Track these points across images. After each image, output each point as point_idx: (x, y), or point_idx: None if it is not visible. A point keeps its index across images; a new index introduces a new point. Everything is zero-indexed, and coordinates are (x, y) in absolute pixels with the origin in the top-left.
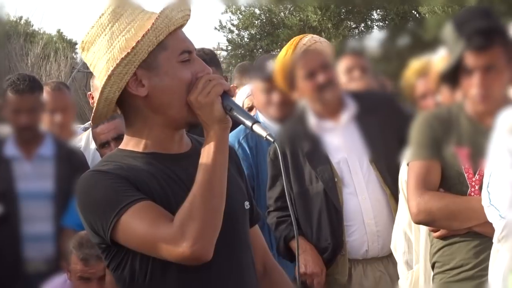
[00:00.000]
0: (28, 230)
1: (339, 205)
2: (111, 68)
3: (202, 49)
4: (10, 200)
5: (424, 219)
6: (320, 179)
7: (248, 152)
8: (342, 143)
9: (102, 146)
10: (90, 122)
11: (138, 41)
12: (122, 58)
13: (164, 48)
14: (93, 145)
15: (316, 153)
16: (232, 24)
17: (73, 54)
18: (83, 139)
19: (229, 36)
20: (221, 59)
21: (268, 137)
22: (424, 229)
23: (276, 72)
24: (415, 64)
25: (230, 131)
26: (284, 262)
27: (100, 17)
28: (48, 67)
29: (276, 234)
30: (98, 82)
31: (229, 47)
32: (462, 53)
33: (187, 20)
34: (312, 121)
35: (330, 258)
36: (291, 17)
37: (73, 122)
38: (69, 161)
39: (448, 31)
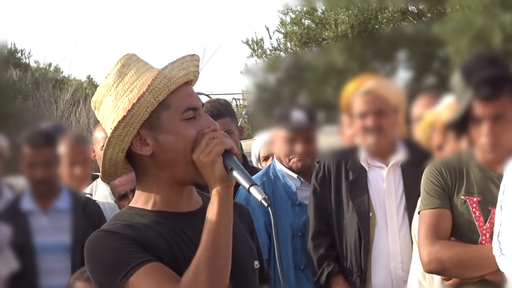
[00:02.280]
0: (45, 283)
1: (368, 240)
2: (111, 130)
3: (218, 100)
4: (28, 254)
5: (435, 268)
6: (355, 211)
7: None
8: (385, 184)
9: (120, 198)
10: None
11: (134, 104)
12: (119, 121)
13: (167, 107)
14: (96, 197)
15: (358, 185)
16: (258, 68)
17: None
18: (87, 190)
19: (255, 80)
20: (248, 103)
21: (263, 201)
22: (438, 278)
23: (341, 100)
24: (428, 116)
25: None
26: None
27: (106, 77)
28: (77, 114)
29: (317, 265)
30: (99, 135)
31: (255, 91)
32: (470, 102)
33: (195, 77)
34: (363, 155)
35: None
36: (317, 60)
37: (90, 175)
38: (85, 214)
39: (456, 79)
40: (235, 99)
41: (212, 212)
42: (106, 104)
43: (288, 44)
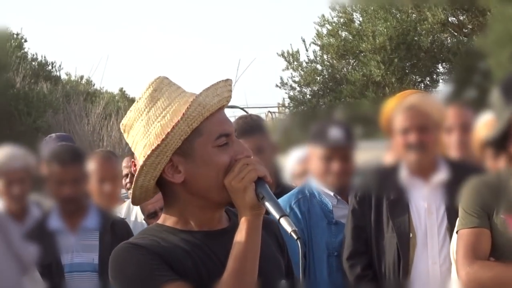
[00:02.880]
0: None
1: (407, 261)
2: (144, 158)
3: (250, 115)
4: (56, 273)
5: None
6: (395, 231)
7: (300, 217)
8: (426, 203)
9: (149, 216)
10: None
11: (168, 132)
12: (153, 150)
13: (199, 134)
14: (133, 216)
15: (398, 204)
16: (294, 81)
17: None
18: (124, 209)
19: (291, 93)
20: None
21: (293, 234)
22: None
23: (381, 117)
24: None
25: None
26: None
27: (137, 102)
28: (109, 127)
29: (353, 285)
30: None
31: (291, 105)
32: (510, 119)
33: (227, 102)
34: (404, 173)
35: None
36: (354, 72)
37: (120, 192)
38: (114, 232)
39: (495, 96)
40: (270, 113)
41: (240, 238)
42: (137, 129)
43: (325, 56)
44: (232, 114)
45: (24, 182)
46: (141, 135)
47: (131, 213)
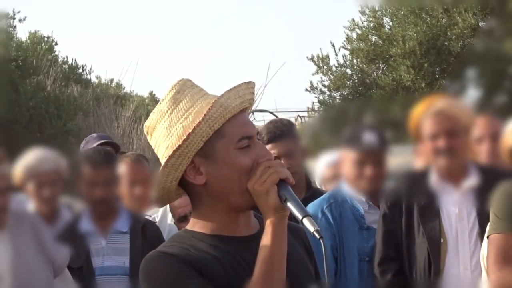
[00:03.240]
0: None
1: (438, 267)
2: (166, 159)
3: (280, 120)
4: (87, 276)
5: None
6: (426, 236)
7: (332, 221)
8: (457, 209)
9: (180, 220)
10: None
11: (189, 133)
12: (174, 150)
13: (221, 135)
14: (169, 219)
15: (429, 210)
16: (324, 85)
17: None
18: (160, 212)
19: (320, 98)
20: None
21: (315, 233)
22: None
23: (410, 122)
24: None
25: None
26: None
27: (160, 103)
28: (139, 131)
29: None
30: None
31: (321, 109)
32: None
33: (250, 104)
34: (434, 178)
35: None
36: (384, 77)
37: (151, 194)
38: (144, 236)
39: None
40: (300, 117)
41: (265, 242)
42: (160, 130)
43: (355, 60)
44: (261, 118)
45: (55, 184)
46: (164, 136)
47: (167, 215)
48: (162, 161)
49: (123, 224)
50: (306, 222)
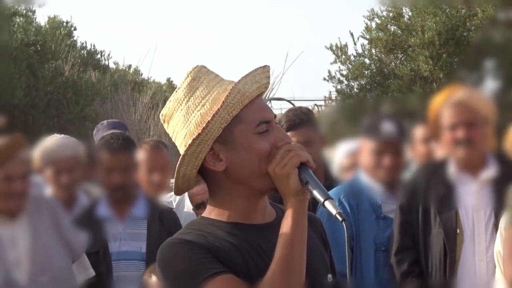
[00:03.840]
0: None
1: (454, 257)
2: (185, 148)
3: (300, 108)
4: (103, 261)
5: None
6: (442, 227)
7: (349, 211)
8: (475, 199)
9: (198, 207)
10: None
11: (208, 121)
12: (194, 139)
13: (240, 121)
14: (186, 207)
15: (446, 200)
16: (342, 75)
17: None
18: (177, 198)
19: (338, 87)
20: (331, 110)
21: (338, 216)
22: None
23: (429, 112)
24: None
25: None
26: None
27: (176, 91)
28: (156, 117)
29: (399, 281)
30: None
31: (338, 98)
32: None
33: (266, 88)
34: (452, 169)
35: None
36: (402, 67)
37: (169, 181)
38: (162, 222)
39: None
40: (317, 106)
41: (286, 225)
42: (177, 119)
43: (373, 50)
44: (278, 107)
45: (73, 171)
46: (181, 124)
47: (184, 202)
48: (181, 149)
49: (141, 210)
50: (328, 204)
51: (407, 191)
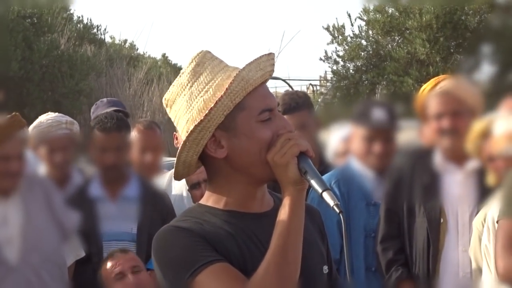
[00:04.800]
0: None
1: (437, 247)
2: (187, 133)
3: (296, 92)
4: (94, 241)
5: (511, 280)
6: (426, 216)
7: (339, 197)
8: (459, 190)
9: (193, 187)
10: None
11: (211, 108)
12: (195, 125)
13: (242, 108)
14: (173, 189)
15: (431, 189)
16: (338, 55)
17: None
18: (166, 180)
19: (334, 67)
20: (325, 92)
21: (335, 208)
22: None
23: (416, 101)
24: (478, 125)
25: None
26: None
27: (180, 76)
28: (150, 93)
29: (385, 269)
30: None
31: (334, 79)
32: None
33: (270, 75)
34: (438, 158)
35: None
36: (399, 50)
37: (161, 162)
38: (154, 204)
39: None
40: (312, 85)
41: (283, 215)
42: (180, 104)
43: (370, 32)
44: (273, 85)
45: (67, 149)
46: (184, 109)
47: (172, 185)
48: (183, 135)
49: (133, 191)
50: (326, 196)
51: (393, 179)
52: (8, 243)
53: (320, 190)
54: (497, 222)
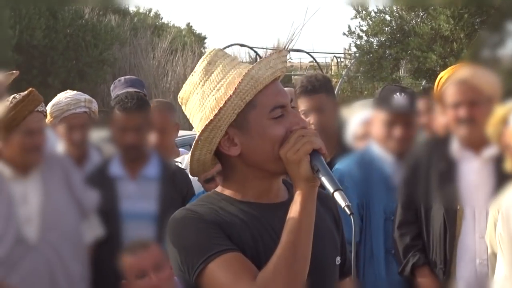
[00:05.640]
0: None
1: (454, 234)
2: (199, 132)
3: (315, 75)
4: (114, 220)
5: None
6: (442, 202)
7: (359, 180)
8: (476, 177)
9: (207, 181)
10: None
11: (221, 107)
12: (206, 125)
13: (254, 106)
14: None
15: (448, 176)
16: (361, 30)
17: (202, 49)
18: (185, 161)
19: (358, 42)
20: (349, 66)
21: (346, 209)
22: None
23: (435, 88)
24: (499, 111)
25: None
26: None
27: (192, 75)
28: (174, 63)
29: (402, 255)
30: None
31: (357, 54)
32: None
33: (282, 73)
34: (455, 145)
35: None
36: (423, 25)
37: (172, 142)
38: (174, 183)
39: None
40: (336, 57)
41: (294, 211)
42: (193, 102)
43: (394, 7)
44: (297, 57)
45: (85, 127)
46: (197, 108)
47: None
48: (197, 133)
49: (153, 170)
50: (337, 196)
51: (410, 165)
52: (28, 222)
53: (331, 190)
54: None
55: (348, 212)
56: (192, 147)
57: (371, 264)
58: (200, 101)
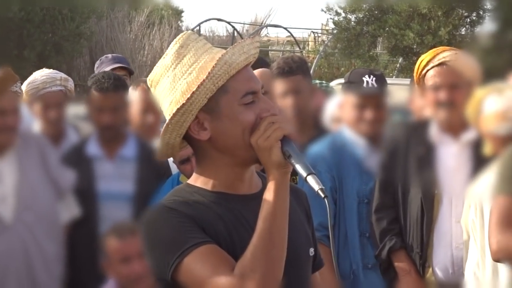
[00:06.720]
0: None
1: (431, 218)
2: (170, 116)
3: (292, 56)
4: (90, 200)
5: (503, 257)
6: (420, 186)
7: (332, 163)
8: (454, 161)
9: (182, 162)
10: None
11: (193, 91)
12: (178, 108)
13: (225, 91)
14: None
15: (426, 160)
16: (340, 7)
17: (179, 23)
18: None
19: (336, 19)
20: (326, 42)
21: (320, 192)
22: (490, 270)
23: (415, 70)
24: (479, 94)
25: None
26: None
27: (164, 58)
28: (151, 36)
29: (379, 239)
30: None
31: (335, 30)
32: None
33: (254, 58)
34: (434, 130)
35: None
36: (401, 3)
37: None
38: (151, 163)
39: None
40: (313, 33)
41: (268, 198)
42: (163, 85)
43: None
44: (275, 32)
45: (61, 106)
46: (167, 91)
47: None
48: (166, 116)
49: (130, 150)
50: (310, 180)
51: (388, 150)
52: (2, 201)
53: (304, 174)
54: (491, 199)
55: (322, 195)
56: (162, 130)
57: (345, 247)
58: (171, 84)
